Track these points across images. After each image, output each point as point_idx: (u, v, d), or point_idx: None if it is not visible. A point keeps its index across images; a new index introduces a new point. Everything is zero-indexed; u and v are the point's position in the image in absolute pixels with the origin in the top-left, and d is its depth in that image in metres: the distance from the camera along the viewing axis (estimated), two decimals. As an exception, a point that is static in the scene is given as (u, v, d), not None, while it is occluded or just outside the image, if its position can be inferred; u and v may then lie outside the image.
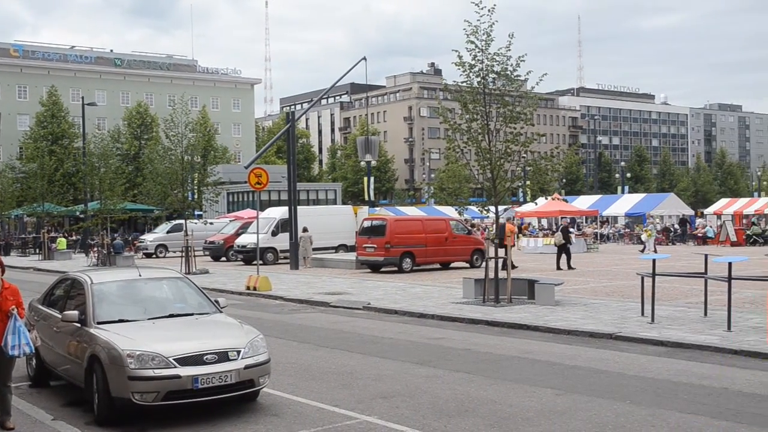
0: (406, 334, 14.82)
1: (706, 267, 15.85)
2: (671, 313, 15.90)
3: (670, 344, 12.75)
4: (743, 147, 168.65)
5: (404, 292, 21.60)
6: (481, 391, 9.69)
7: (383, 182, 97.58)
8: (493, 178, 18.12)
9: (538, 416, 8.41)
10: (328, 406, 8.99)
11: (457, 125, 18.54)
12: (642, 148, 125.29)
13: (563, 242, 29.39)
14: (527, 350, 12.67)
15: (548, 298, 17.88)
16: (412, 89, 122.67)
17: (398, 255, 28.58)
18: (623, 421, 8.12)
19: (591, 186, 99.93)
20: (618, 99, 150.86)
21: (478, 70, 17.96)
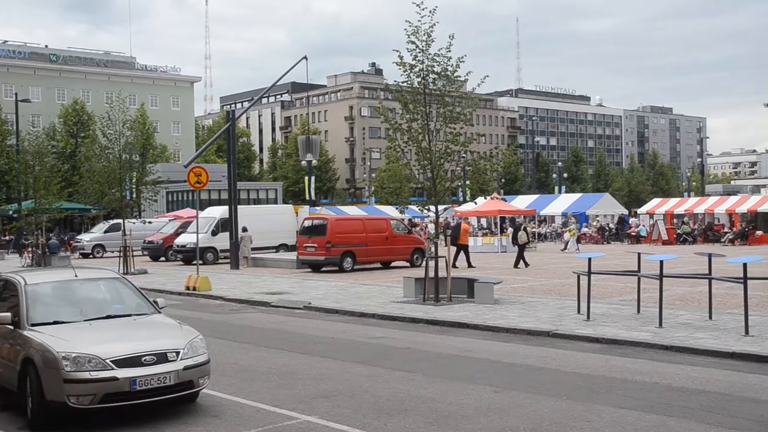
0: (347, 333, 14.85)
1: (639, 265, 16.28)
2: (606, 310, 16.28)
3: (605, 341, 13.06)
4: (674, 148, 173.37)
5: (345, 292, 21.62)
6: (421, 389, 9.78)
7: (324, 182, 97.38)
8: (433, 177, 18.27)
9: (476, 413, 8.54)
10: (269, 407, 8.97)
11: (397, 125, 18.64)
12: (578, 148, 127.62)
13: (526, 241, 30.28)
14: (467, 348, 12.83)
15: (487, 296, 18.12)
16: (353, 89, 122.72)
17: (339, 254, 28.59)
18: (560, 417, 8.30)
19: (529, 186, 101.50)
20: (555, 100, 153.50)
21: (419, 70, 18.08)
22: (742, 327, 13.10)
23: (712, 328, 13.73)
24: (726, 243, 45.40)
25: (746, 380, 10.09)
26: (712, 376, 10.37)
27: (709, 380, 10.10)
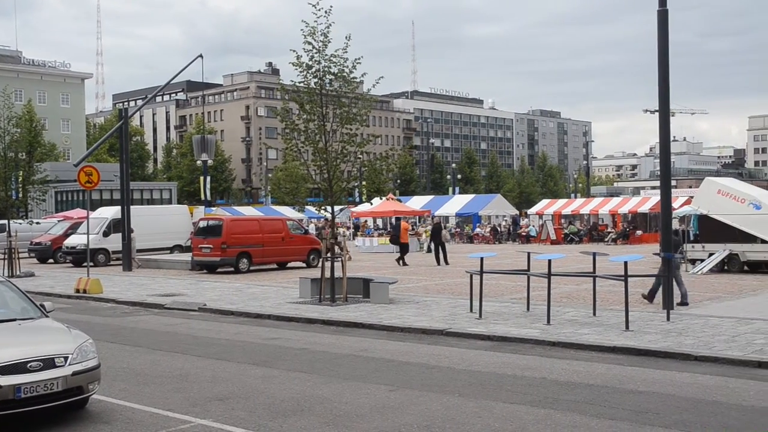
0: (243, 335, 14.74)
1: (528, 264, 16.83)
2: (497, 308, 16.76)
3: (496, 338, 13.46)
4: (562, 151, 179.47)
5: (241, 293, 21.43)
6: (316, 389, 9.83)
7: (220, 182, 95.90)
8: (329, 178, 18.33)
9: (371, 412, 8.66)
10: (162, 411, 8.82)
11: (294, 125, 18.62)
12: (471, 150, 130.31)
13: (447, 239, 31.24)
14: (362, 348, 12.96)
15: (383, 296, 18.33)
16: (249, 88, 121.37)
17: (235, 255, 28.31)
18: (452, 414, 8.52)
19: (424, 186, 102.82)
20: (449, 103, 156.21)
21: (316, 70, 18.11)
22: (623, 322, 13.78)
23: (596, 324, 14.37)
24: (609, 242, 47.41)
25: (626, 373, 10.63)
26: (596, 370, 10.87)
27: (593, 374, 10.58)
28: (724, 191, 26.39)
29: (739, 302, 17.65)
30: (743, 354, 11.42)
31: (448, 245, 33.74)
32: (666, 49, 16.29)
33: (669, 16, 16.34)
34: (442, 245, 31.27)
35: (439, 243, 31.40)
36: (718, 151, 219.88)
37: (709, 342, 12.40)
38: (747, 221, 25.04)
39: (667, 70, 16.33)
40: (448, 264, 30.02)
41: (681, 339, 12.71)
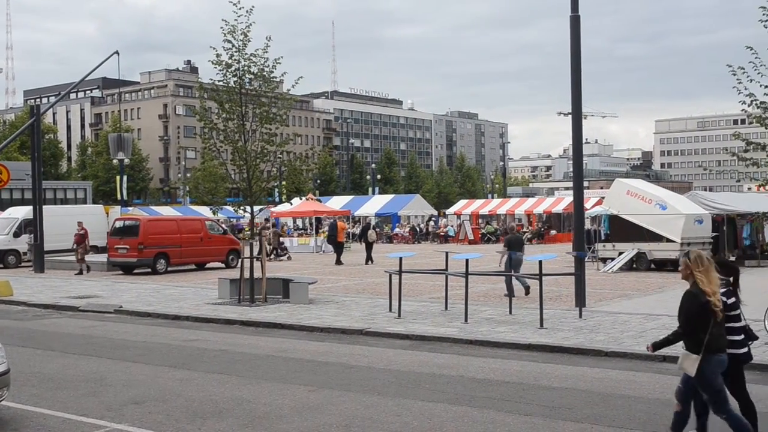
0: (160, 336, 14.51)
1: (446, 264, 17.10)
2: (416, 308, 16.97)
3: (415, 337, 13.64)
4: (479, 152, 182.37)
5: (158, 294, 21.07)
6: (235, 391, 9.78)
7: (137, 181, 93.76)
8: (249, 178, 18.22)
9: (291, 413, 8.67)
10: (75, 416, 8.62)
11: (213, 124, 18.43)
12: (391, 151, 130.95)
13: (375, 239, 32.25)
14: (282, 349, 12.94)
15: (302, 296, 18.32)
16: (167, 86, 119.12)
17: (152, 256, 27.88)
18: (371, 413, 8.61)
19: (344, 187, 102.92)
20: (369, 103, 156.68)
21: (235, 69, 17.98)
22: (538, 320, 14.16)
23: (511, 322, 14.72)
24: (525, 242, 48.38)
25: (540, 369, 10.94)
26: (511, 367, 11.14)
27: (509, 371, 10.85)
28: (632, 192, 27.37)
29: (647, 299, 18.36)
30: (650, 349, 11.89)
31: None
32: (578, 53, 16.80)
33: (581, 22, 16.86)
34: (370, 245, 32.01)
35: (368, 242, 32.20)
36: (628, 153, 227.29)
37: (618, 338, 12.87)
38: (654, 221, 26.04)
39: (580, 74, 16.85)
40: (372, 263, 30.29)
41: (592, 335, 13.15)
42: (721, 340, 6.69)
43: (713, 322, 6.58)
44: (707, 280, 6.61)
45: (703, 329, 6.55)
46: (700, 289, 6.59)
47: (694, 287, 6.67)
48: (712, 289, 6.58)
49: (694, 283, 6.68)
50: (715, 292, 6.60)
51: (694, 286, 6.66)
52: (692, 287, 6.69)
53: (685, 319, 6.64)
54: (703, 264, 6.67)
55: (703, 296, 6.55)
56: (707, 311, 6.53)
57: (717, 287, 6.66)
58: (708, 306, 6.53)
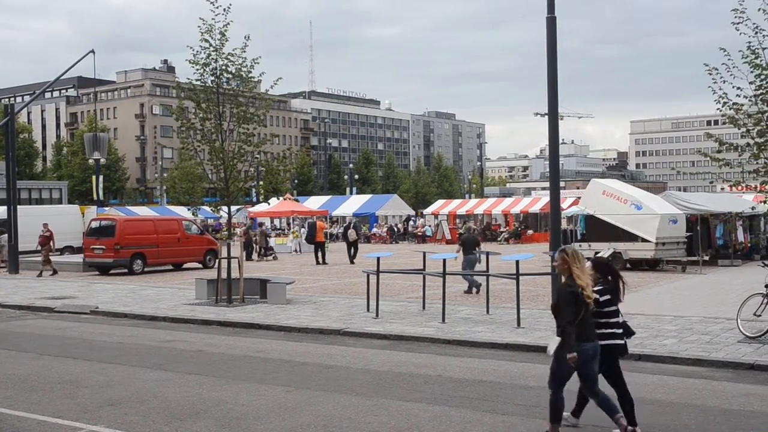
0: (137, 337, 14.42)
1: (424, 264, 17.14)
2: (394, 308, 16.99)
3: (393, 337, 13.66)
4: (456, 152, 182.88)
5: (135, 295, 20.94)
6: (213, 392, 9.75)
7: (113, 181, 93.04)
8: (226, 177, 18.15)
9: (269, 413, 8.66)
10: (51, 418, 8.55)
11: (190, 124, 18.34)
12: (369, 151, 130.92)
13: (356, 238, 32.24)
14: (259, 349, 12.91)
15: (280, 297, 18.29)
16: (144, 86, 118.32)
17: (128, 256, 27.74)
18: (349, 413, 8.61)
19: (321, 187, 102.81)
20: (347, 103, 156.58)
21: (213, 69, 17.91)
22: (515, 320, 14.24)
23: (489, 322, 14.79)
24: (502, 241, 48.65)
25: (517, 369, 11.01)
26: (489, 366, 11.20)
27: (486, 370, 10.90)
28: (608, 192, 27.59)
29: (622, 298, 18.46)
30: (626, 348, 12.00)
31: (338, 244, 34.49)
32: (555, 54, 16.91)
33: (558, 23, 16.97)
34: (351, 244, 32.16)
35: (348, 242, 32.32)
36: (604, 153, 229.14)
37: (594, 337, 12.96)
38: (629, 221, 26.26)
39: (556, 75, 16.95)
40: (354, 263, 30.29)
41: (569, 335, 13.23)
42: (590, 330, 7.37)
43: (584, 311, 7.27)
44: (582, 273, 7.33)
45: (576, 316, 7.21)
46: (575, 282, 7.29)
47: (569, 280, 7.37)
48: (585, 282, 7.29)
49: (570, 276, 7.37)
50: (588, 285, 7.30)
51: (570, 279, 7.37)
52: (568, 280, 7.40)
53: (565, 309, 7.25)
54: (579, 260, 7.40)
55: (577, 288, 7.25)
56: (580, 301, 7.23)
57: (589, 281, 7.37)
58: (581, 297, 7.23)
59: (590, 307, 7.30)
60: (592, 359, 7.37)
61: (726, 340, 12.43)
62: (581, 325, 7.22)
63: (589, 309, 7.29)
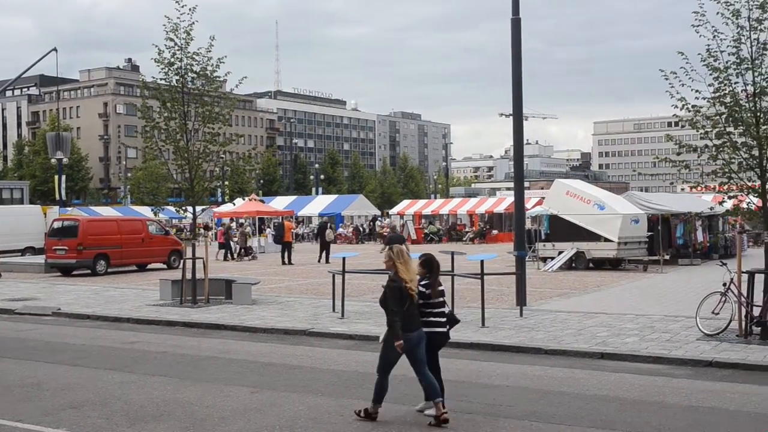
0: (100, 339, 14.27)
1: (390, 264, 17.14)
2: (360, 308, 17.01)
3: (358, 337, 13.68)
4: (422, 152, 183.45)
5: (98, 296, 20.72)
6: (177, 393, 9.69)
7: (76, 181, 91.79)
8: (191, 177, 18.03)
9: (233, 415, 8.63)
10: (10, 422, 8.42)
11: (155, 123, 18.19)
12: (335, 151, 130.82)
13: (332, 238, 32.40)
14: (224, 350, 12.86)
15: (245, 297, 18.21)
16: (107, 84, 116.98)
17: (91, 257, 27.44)
18: (315, 414, 8.62)
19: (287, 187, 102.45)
20: (313, 103, 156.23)
21: (178, 68, 17.79)
22: (479, 319, 14.35)
23: (454, 322, 14.83)
24: (467, 241, 48.94)
25: (482, 368, 11.10)
26: (453, 365, 11.24)
27: (451, 370, 10.92)
28: (572, 192, 27.90)
29: (585, 298, 18.74)
30: (588, 346, 12.18)
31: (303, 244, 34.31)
32: (519, 55, 17.07)
33: (522, 25, 17.14)
34: (325, 244, 32.23)
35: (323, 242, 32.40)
36: (567, 154, 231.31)
37: (558, 336, 13.13)
38: (592, 221, 26.59)
39: (520, 76, 17.12)
40: (328, 263, 30.15)
41: (533, 334, 13.38)
42: (414, 320, 8.12)
43: (409, 303, 8.03)
44: (406, 269, 8.07)
45: (401, 309, 7.96)
46: (400, 276, 8.03)
47: (395, 275, 8.08)
48: (409, 277, 8.06)
49: (395, 272, 8.08)
50: (412, 279, 8.07)
51: (395, 274, 8.08)
52: (394, 275, 8.11)
53: (393, 302, 7.99)
54: (403, 257, 8.15)
55: (401, 282, 7.99)
56: (405, 294, 7.98)
57: (414, 276, 8.14)
58: (405, 290, 7.98)
59: (414, 299, 8.07)
60: (417, 345, 8.11)
61: (686, 338, 12.66)
62: (407, 315, 8.00)
63: (413, 301, 8.07)
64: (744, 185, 12.89)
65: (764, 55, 12.45)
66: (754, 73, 12.52)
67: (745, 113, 12.59)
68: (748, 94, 12.67)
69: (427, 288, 8.32)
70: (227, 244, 35.81)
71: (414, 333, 8.08)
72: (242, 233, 37.56)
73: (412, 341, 8.06)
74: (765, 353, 11.39)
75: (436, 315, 8.38)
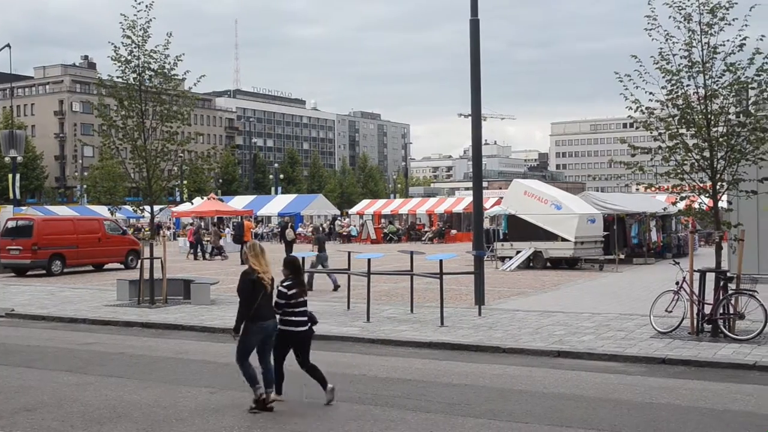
0: (55, 340, 14.07)
1: (349, 263, 17.22)
2: (319, 307, 16.94)
3: (318, 337, 13.56)
4: (382, 152, 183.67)
5: (54, 296, 20.42)
6: (134, 395, 9.61)
7: (31, 180, 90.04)
8: (148, 177, 17.85)
9: (192, 416, 8.59)
10: (-36, 425, 8.31)
11: (112, 122, 17.98)
12: (294, 150, 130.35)
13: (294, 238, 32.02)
14: (182, 351, 12.77)
15: (204, 297, 18.09)
16: (63, 82, 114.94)
17: (47, 257, 27.09)
18: (273, 414, 8.59)
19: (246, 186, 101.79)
20: (272, 103, 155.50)
21: (135, 66, 17.61)
22: (439, 319, 14.45)
23: (413, 321, 14.96)
24: (426, 241, 49.17)
25: (441, 367, 11.19)
26: (413, 365, 11.35)
27: (410, 369, 11.04)
28: (529, 192, 28.20)
29: (543, 296, 18.98)
30: (545, 345, 12.35)
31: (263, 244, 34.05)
32: (478, 56, 17.21)
33: (481, 26, 17.28)
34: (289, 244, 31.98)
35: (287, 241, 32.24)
36: (525, 154, 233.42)
37: (516, 335, 13.28)
38: (549, 221, 26.91)
39: (479, 77, 17.27)
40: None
41: (491, 333, 13.52)
42: (266, 311, 8.60)
43: (263, 294, 8.53)
44: (258, 262, 8.61)
45: (254, 299, 8.48)
46: (253, 269, 8.58)
47: (249, 268, 8.65)
48: (262, 269, 8.57)
49: (249, 265, 8.64)
50: (265, 271, 8.59)
51: (249, 267, 8.64)
52: (248, 268, 8.68)
53: (243, 294, 8.58)
54: (255, 251, 8.73)
55: (254, 273, 8.54)
56: (258, 285, 8.50)
57: (267, 268, 8.65)
58: (258, 281, 8.51)
59: (268, 289, 8.58)
60: (270, 335, 8.68)
61: (640, 336, 12.90)
62: (262, 305, 8.52)
63: (267, 292, 8.58)
64: (696, 186, 13.17)
65: (714, 58, 12.73)
66: (705, 76, 12.81)
67: (697, 115, 12.87)
68: (699, 97, 12.95)
69: (289, 288, 8.78)
70: (197, 244, 35.64)
71: (269, 322, 8.62)
72: (215, 233, 37.42)
73: (268, 329, 8.61)
74: (715, 350, 11.66)
75: (297, 314, 8.84)
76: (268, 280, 8.60)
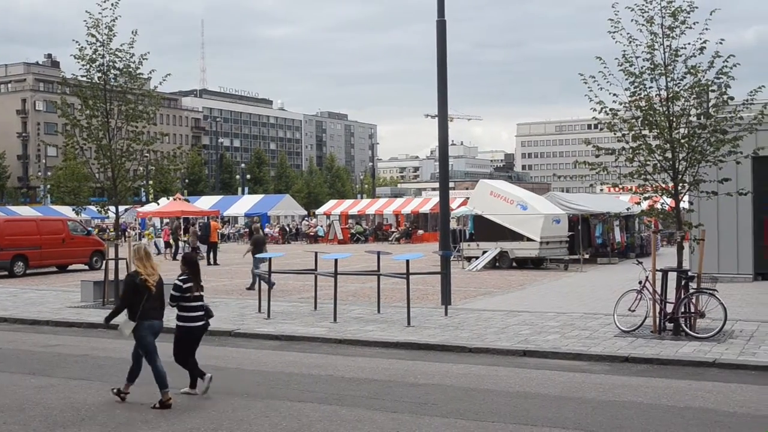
0: (17, 342, 13.87)
1: (316, 264, 17.20)
2: (286, 308, 16.98)
3: (284, 338, 13.67)
4: (349, 153, 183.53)
5: (16, 298, 20.12)
6: (98, 397, 9.52)
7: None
8: (113, 177, 17.66)
9: (157, 417, 8.53)
10: (-77, 429, 8.16)
11: (76, 121, 17.75)
12: (261, 150, 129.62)
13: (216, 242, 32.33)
14: (148, 352, 12.63)
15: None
16: (26, 80, 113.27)
17: (9, 258, 26.79)
18: (240, 415, 8.59)
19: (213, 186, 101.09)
20: (239, 102, 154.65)
21: (99, 65, 17.40)
22: (406, 319, 14.50)
23: (380, 321, 14.99)
24: (393, 241, 49.26)
25: (407, 367, 11.23)
26: (380, 365, 11.38)
27: (377, 369, 11.07)
28: (495, 193, 28.40)
29: (509, 296, 19.13)
30: (511, 344, 12.45)
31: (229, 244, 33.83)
32: (444, 57, 17.30)
33: (447, 27, 17.37)
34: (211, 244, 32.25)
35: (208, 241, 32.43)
36: (491, 155, 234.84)
37: (482, 334, 13.37)
38: (515, 221, 27.13)
39: (446, 78, 17.35)
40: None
41: (457, 332, 13.60)
42: (152, 312, 9.01)
43: (147, 296, 8.88)
44: (143, 265, 8.99)
45: (138, 301, 8.83)
46: (137, 272, 8.94)
47: (134, 271, 9.04)
48: (147, 272, 8.95)
49: (135, 268, 9.00)
50: (150, 274, 8.96)
51: (135, 270, 9.01)
52: (133, 270, 9.05)
53: (123, 293, 9.01)
54: (140, 254, 9.13)
55: (138, 276, 8.88)
56: (142, 288, 8.85)
57: (152, 271, 9.01)
58: (143, 283, 8.86)
59: (152, 291, 8.94)
60: (154, 334, 9.09)
61: (604, 335, 13.07)
62: (148, 306, 8.90)
63: (152, 294, 8.94)
64: (659, 186, 13.38)
65: (676, 61, 12.95)
66: (667, 78, 13.01)
67: (659, 117, 13.07)
68: (661, 99, 13.15)
69: (185, 283, 9.29)
70: (173, 243, 35.45)
71: (156, 321, 9.07)
72: (194, 233, 37.09)
73: (155, 328, 9.06)
74: (677, 348, 11.86)
75: (194, 309, 9.38)
76: (152, 282, 8.96)
